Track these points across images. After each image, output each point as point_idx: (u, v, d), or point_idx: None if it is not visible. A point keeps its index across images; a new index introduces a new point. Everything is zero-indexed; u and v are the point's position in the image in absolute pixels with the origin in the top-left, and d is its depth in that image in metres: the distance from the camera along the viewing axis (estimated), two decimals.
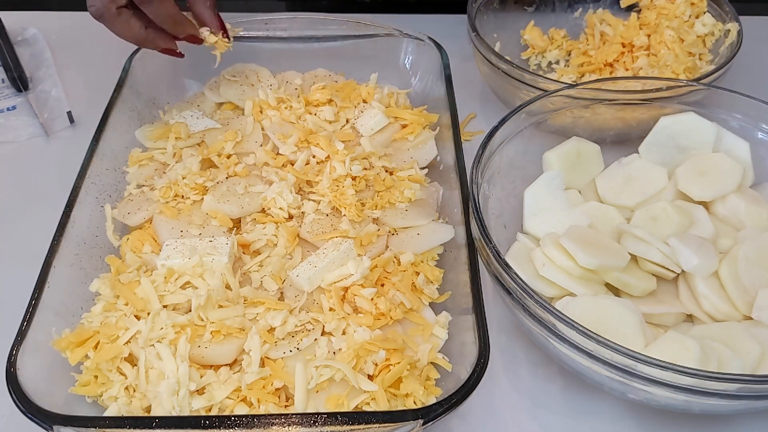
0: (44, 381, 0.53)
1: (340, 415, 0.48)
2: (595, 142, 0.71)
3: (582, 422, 0.58)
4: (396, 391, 0.54)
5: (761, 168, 0.69)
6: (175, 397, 0.53)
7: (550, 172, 0.67)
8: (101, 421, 0.50)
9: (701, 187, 0.66)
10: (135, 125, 0.76)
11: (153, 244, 0.65)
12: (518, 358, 0.62)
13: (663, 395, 0.50)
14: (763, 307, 0.57)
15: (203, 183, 0.69)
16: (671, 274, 0.61)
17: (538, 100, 0.69)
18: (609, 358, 0.49)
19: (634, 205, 0.67)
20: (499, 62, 0.78)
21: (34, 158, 0.82)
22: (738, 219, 0.64)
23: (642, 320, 0.56)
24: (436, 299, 0.62)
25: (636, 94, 0.71)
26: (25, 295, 0.55)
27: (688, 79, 0.79)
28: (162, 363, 0.54)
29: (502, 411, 0.59)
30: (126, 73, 0.78)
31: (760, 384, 0.47)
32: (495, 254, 0.55)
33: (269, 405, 0.53)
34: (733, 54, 0.78)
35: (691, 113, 0.69)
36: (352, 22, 0.84)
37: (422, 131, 0.76)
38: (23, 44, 0.97)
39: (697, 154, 0.68)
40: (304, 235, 0.65)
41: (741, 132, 0.69)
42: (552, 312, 0.51)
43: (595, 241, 0.60)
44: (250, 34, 0.83)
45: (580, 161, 0.70)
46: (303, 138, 0.73)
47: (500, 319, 0.62)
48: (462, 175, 0.67)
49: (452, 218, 0.67)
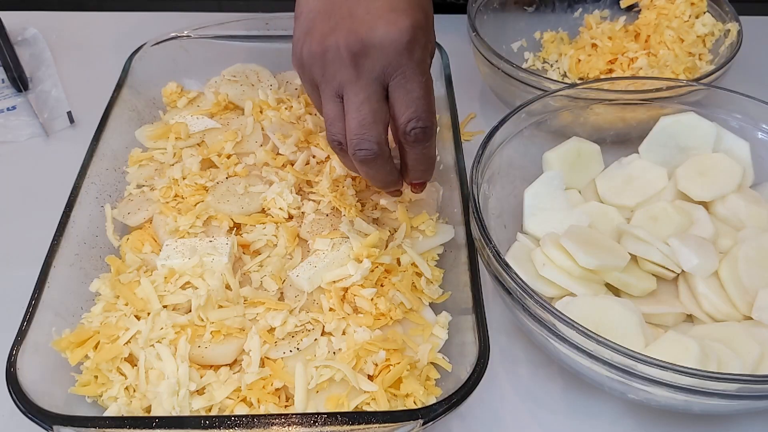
0: (44, 381, 0.53)
1: (340, 415, 0.48)
2: (595, 142, 0.71)
3: (582, 422, 0.58)
4: (396, 391, 0.54)
5: (761, 168, 0.69)
6: (175, 398, 0.53)
7: (550, 172, 0.67)
8: (101, 421, 0.50)
9: (701, 187, 0.66)
10: (135, 125, 0.76)
11: (153, 244, 0.65)
12: (518, 358, 0.62)
13: (663, 395, 0.50)
14: (763, 307, 0.57)
15: (203, 183, 0.69)
16: (671, 274, 0.61)
17: (538, 100, 0.69)
18: (609, 358, 0.49)
19: (634, 205, 0.67)
20: (499, 62, 0.78)
21: (34, 158, 0.82)
22: (738, 219, 0.64)
23: (642, 320, 0.56)
24: (436, 299, 0.62)
25: (636, 95, 0.71)
26: (25, 295, 0.55)
27: (688, 79, 0.79)
28: (162, 363, 0.54)
29: (502, 411, 0.59)
30: (126, 73, 0.78)
31: (760, 384, 0.47)
32: (495, 254, 0.55)
33: (269, 405, 0.53)
34: (733, 54, 0.78)
35: (691, 113, 0.69)
36: None
37: None
38: (23, 44, 0.97)
39: (697, 154, 0.68)
40: (304, 235, 0.65)
41: (741, 132, 0.69)
42: (552, 312, 0.51)
43: (595, 242, 0.60)
44: (250, 34, 0.83)
45: (580, 161, 0.70)
46: (303, 138, 0.74)
47: (500, 319, 0.62)
48: (462, 175, 0.67)
49: (452, 218, 0.67)
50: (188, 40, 0.83)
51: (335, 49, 0.52)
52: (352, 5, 0.52)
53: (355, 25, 0.52)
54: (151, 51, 0.81)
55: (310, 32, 0.54)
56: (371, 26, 0.51)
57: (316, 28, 0.54)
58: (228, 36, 0.84)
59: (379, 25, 0.51)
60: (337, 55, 0.52)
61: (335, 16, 0.53)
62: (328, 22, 0.53)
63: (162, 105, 0.81)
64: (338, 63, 0.52)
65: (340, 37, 0.52)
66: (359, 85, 0.53)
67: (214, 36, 0.83)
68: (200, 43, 0.83)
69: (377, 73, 0.52)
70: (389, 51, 0.52)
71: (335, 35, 0.52)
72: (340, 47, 0.52)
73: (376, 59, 0.52)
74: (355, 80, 0.53)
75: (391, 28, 0.51)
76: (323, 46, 0.53)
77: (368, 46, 0.51)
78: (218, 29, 0.83)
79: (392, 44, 0.51)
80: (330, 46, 0.52)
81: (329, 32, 0.53)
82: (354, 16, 0.52)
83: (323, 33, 0.53)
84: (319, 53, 0.53)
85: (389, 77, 0.53)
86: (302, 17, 0.55)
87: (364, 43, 0.51)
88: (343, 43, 0.52)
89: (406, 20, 0.52)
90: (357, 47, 0.51)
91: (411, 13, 0.52)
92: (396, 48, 0.51)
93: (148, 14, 1.02)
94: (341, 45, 0.52)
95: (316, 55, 0.53)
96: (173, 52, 0.82)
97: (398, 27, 0.51)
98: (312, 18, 0.54)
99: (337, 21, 0.53)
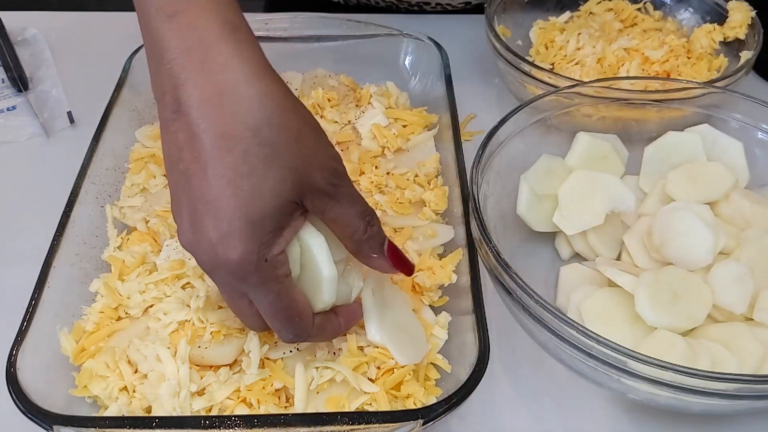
0: (44, 381, 0.53)
1: (340, 415, 0.48)
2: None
3: (582, 422, 0.58)
4: (396, 392, 0.54)
5: (762, 168, 0.69)
6: (176, 399, 0.52)
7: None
8: (101, 421, 0.50)
9: (687, 193, 0.65)
10: (135, 125, 0.76)
11: (153, 244, 0.65)
12: (518, 358, 0.62)
13: (664, 395, 0.50)
14: (764, 308, 0.57)
15: None
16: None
17: (538, 99, 0.69)
18: (609, 358, 0.49)
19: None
20: (519, 63, 0.78)
21: (34, 158, 0.82)
22: (743, 219, 0.64)
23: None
24: (435, 302, 0.62)
25: (636, 94, 0.71)
26: (25, 295, 0.55)
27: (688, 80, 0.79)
28: (162, 365, 0.54)
29: (502, 411, 0.59)
30: (126, 73, 0.78)
31: (756, 384, 0.47)
32: (495, 254, 0.55)
33: (269, 405, 0.53)
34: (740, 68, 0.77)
35: (669, 133, 0.69)
36: (352, 22, 0.84)
37: (422, 132, 0.76)
38: (23, 44, 0.96)
39: (692, 161, 0.68)
40: None
41: (741, 132, 0.69)
42: (552, 312, 0.51)
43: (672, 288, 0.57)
44: None
45: (602, 163, 0.69)
46: None
47: (500, 319, 0.62)
48: (462, 175, 0.67)
49: (452, 218, 0.67)
50: None
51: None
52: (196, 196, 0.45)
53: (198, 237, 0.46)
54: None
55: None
56: (206, 250, 0.46)
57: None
58: None
59: (209, 250, 0.45)
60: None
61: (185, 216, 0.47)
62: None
63: None
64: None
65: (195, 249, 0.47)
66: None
67: None
68: None
69: (230, 287, 0.49)
70: (226, 276, 0.47)
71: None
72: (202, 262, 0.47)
73: (223, 277, 0.48)
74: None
75: (220, 258, 0.45)
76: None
77: (209, 271, 0.48)
78: None
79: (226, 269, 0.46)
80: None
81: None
82: (198, 225, 0.46)
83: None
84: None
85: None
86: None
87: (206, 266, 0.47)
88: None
89: (235, 251, 0.45)
90: (206, 268, 0.48)
91: (242, 231, 0.44)
92: (232, 275, 0.46)
93: None
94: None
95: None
96: None
97: (226, 259, 0.45)
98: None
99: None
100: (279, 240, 0.47)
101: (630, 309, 0.57)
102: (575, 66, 0.84)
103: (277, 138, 0.45)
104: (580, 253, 0.67)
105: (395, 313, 0.57)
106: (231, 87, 0.45)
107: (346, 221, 0.50)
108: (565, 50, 0.86)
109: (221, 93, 0.45)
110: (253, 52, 0.47)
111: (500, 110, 0.85)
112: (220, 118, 0.44)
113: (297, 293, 0.49)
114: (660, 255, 0.61)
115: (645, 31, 0.88)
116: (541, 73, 0.76)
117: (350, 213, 0.49)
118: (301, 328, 0.50)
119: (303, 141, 0.47)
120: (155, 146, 0.73)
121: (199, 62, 0.45)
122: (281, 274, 0.47)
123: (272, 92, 0.46)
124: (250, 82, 0.45)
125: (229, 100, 0.45)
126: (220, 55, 0.45)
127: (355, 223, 0.50)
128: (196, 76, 0.45)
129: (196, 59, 0.45)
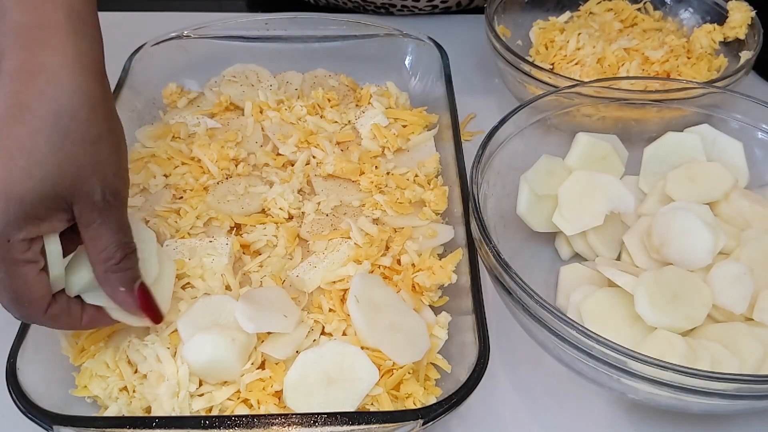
0: (44, 381, 0.53)
1: (340, 416, 0.48)
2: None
3: (582, 422, 0.58)
4: (397, 393, 0.54)
5: (762, 168, 0.69)
6: (175, 399, 0.52)
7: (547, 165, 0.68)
8: (101, 421, 0.50)
9: (686, 192, 0.65)
10: (135, 125, 0.76)
11: None
12: (518, 358, 0.62)
13: (664, 395, 0.50)
14: (764, 308, 0.57)
15: (203, 183, 0.69)
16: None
17: (538, 99, 0.69)
18: (609, 358, 0.49)
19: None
20: (519, 63, 0.78)
21: None
22: (743, 219, 0.64)
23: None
24: (436, 302, 0.62)
25: (636, 95, 0.71)
26: None
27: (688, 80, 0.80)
28: (161, 365, 0.54)
29: (502, 411, 0.59)
30: (126, 73, 0.78)
31: (756, 384, 0.47)
32: (495, 254, 0.55)
33: (269, 406, 0.53)
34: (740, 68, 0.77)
35: (669, 133, 0.69)
36: (352, 22, 0.84)
37: (422, 132, 0.76)
38: None
39: (692, 161, 0.68)
40: (304, 235, 0.65)
41: (740, 132, 0.69)
42: (552, 312, 0.51)
43: (671, 287, 0.57)
44: (250, 34, 0.84)
45: (602, 163, 0.69)
46: (303, 139, 0.74)
47: (500, 319, 0.62)
48: (462, 175, 0.67)
49: (452, 218, 0.67)
50: (188, 40, 0.83)
51: None
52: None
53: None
54: (151, 51, 0.81)
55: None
56: None
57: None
58: (228, 36, 0.84)
59: None
60: None
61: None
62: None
63: (162, 105, 0.81)
64: None
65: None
66: None
67: (214, 36, 0.83)
68: (200, 43, 0.83)
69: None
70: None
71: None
72: None
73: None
74: None
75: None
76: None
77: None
78: (218, 29, 0.84)
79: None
80: None
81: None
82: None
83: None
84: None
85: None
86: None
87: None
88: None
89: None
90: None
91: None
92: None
93: (148, 14, 1.02)
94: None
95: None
96: (173, 52, 0.82)
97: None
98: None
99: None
100: (30, 228, 0.46)
101: (630, 309, 0.57)
102: (575, 66, 0.84)
103: (75, 132, 0.46)
104: (580, 254, 0.67)
105: (388, 314, 0.57)
106: (52, 70, 0.46)
107: (105, 244, 0.48)
108: (565, 50, 0.86)
109: (38, 72, 0.46)
110: (91, 48, 0.48)
111: (500, 110, 0.85)
112: (25, 91, 0.45)
113: (36, 282, 0.47)
114: (660, 255, 0.61)
115: (645, 31, 0.89)
116: (541, 73, 0.77)
117: (112, 238, 0.48)
118: (29, 313, 0.49)
119: (99, 147, 0.47)
120: (155, 146, 0.74)
121: (32, 40, 0.46)
122: (20, 259, 0.46)
123: (91, 91, 0.47)
124: (73, 73, 0.46)
125: (44, 80, 0.46)
126: (54, 38, 0.47)
127: (112, 249, 0.48)
128: (21, 52, 0.46)
129: (31, 36, 0.46)
